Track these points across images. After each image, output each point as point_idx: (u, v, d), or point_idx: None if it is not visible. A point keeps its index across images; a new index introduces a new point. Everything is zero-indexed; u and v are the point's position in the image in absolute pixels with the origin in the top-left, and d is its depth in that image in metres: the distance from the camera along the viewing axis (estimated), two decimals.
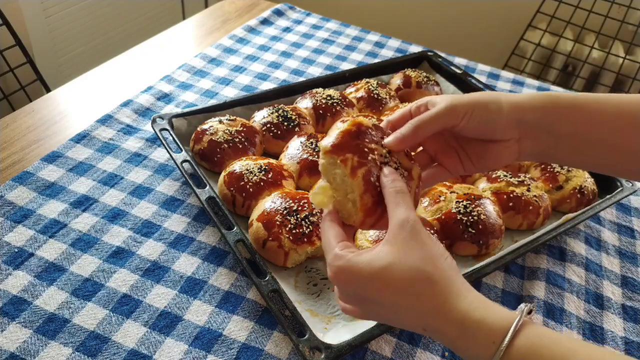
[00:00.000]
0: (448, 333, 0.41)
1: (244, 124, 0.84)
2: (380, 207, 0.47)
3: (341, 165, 0.46)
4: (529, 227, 0.78)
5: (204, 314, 0.62)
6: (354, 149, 0.47)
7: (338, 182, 0.47)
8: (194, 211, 0.75)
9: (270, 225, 0.67)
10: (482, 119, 0.49)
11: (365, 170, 0.46)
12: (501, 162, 0.53)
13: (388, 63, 1.09)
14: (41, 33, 1.70)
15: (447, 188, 0.77)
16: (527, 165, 0.89)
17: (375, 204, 0.47)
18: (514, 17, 2.04)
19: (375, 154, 0.48)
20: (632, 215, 0.87)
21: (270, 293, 0.60)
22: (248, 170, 0.74)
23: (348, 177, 0.46)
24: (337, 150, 0.47)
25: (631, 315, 0.71)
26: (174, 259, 0.68)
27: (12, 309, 0.60)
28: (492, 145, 0.51)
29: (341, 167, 0.46)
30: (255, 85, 1.07)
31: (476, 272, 0.66)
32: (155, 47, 1.16)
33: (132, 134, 0.88)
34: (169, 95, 0.99)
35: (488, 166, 0.54)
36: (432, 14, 2.31)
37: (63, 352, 0.56)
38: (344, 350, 0.55)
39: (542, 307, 0.69)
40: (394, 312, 0.43)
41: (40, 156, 0.81)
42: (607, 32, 1.59)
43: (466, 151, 0.53)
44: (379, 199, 0.47)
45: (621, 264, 0.78)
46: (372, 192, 0.46)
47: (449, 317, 0.40)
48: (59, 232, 0.69)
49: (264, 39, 1.23)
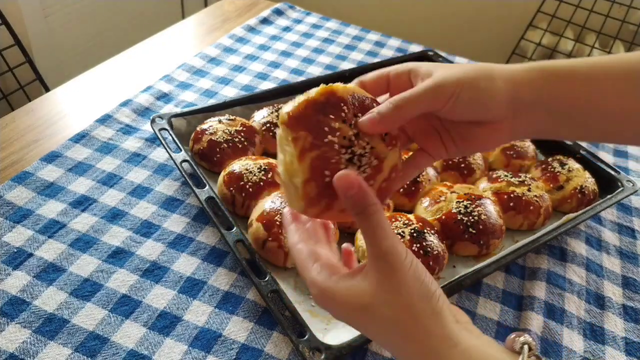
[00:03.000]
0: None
1: (243, 123, 0.83)
2: (326, 199, 0.40)
3: (291, 144, 0.40)
4: (530, 227, 0.78)
5: (203, 314, 0.62)
6: (312, 125, 0.40)
7: (287, 160, 0.41)
8: (194, 211, 0.75)
9: (270, 226, 0.67)
10: (471, 100, 0.42)
11: (316, 155, 0.39)
12: (490, 145, 0.46)
13: (388, 62, 1.09)
14: (40, 33, 1.70)
15: (447, 188, 0.77)
16: (528, 165, 0.89)
17: (320, 195, 0.40)
18: (514, 17, 2.04)
19: (336, 135, 0.40)
20: (633, 216, 0.87)
21: (270, 293, 0.60)
22: (248, 170, 0.74)
23: (295, 158, 0.40)
24: (293, 123, 0.40)
25: (632, 316, 0.71)
26: (173, 259, 0.68)
27: (11, 309, 0.59)
28: (481, 127, 0.45)
29: (291, 145, 0.40)
30: (255, 84, 1.06)
31: (476, 273, 0.66)
32: (154, 47, 1.16)
33: (132, 134, 0.87)
34: (169, 95, 0.99)
35: (475, 150, 0.48)
36: (432, 13, 2.30)
37: (62, 352, 0.56)
38: (344, 351, 0.55)
39: (542, 307, 0.68)
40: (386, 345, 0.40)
41: (39, 156, 0.81)
42: (607, 32, 1.59)
43: (450, 133, 0.46)
44: (325, 190, 0.40)
45: (622, 264, 0.78)
46: (317, 181, 0.40)
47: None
48: (58, 232, 0.69)
49: (263, 39, 1.23)
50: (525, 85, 0.43)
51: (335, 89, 0.41)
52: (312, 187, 0.40)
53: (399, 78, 0.46)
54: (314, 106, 0.40)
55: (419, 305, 0.36)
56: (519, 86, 0.43)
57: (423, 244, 0.66)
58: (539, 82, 0.44)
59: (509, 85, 0.43)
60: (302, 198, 0.40)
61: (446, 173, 0.84)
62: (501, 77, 0.43)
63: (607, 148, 1.02)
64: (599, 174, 0.86)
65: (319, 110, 0.40)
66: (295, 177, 0.40)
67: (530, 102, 0.44)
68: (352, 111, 0.42)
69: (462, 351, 0.35)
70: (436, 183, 0.81)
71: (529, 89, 0.43)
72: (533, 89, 0.43)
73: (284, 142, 0.41)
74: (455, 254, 0.73)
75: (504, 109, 0.44)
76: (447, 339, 0.36)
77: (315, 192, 0.40)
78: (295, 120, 0.40)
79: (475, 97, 0.42)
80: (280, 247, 0.66)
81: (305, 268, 0.41)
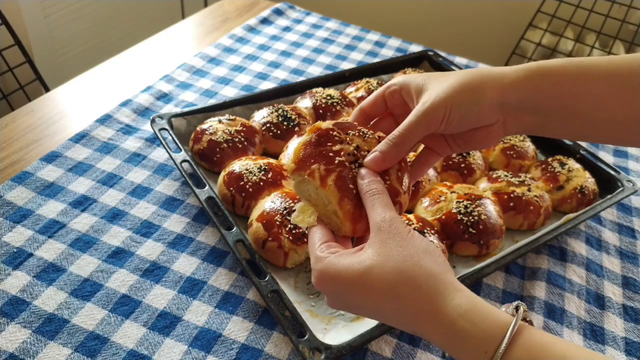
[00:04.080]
0: (437, 339, 0.38)
1: (243, 123, 0.83)
2: (364, 208, 0.44)
3: (309, 180, 0.43)
4: (530, 227, 0.78)
5: (203, 314, 0.62)
6: (318, 157, 0.44)
7: (313, 197, 0.44)
8: (194, 211, 0.75)
9: (270, 226, 0.67)
10: (462, 118, 0.46)
11: (336, 176, 0.43)
12: (489, 142, 0.50)
13: (388, 62, 1.09)
14: (40, 33, 1.70)
15: (447, 188, 0.77)
16: (528, 165, 0.89)
17: (357, 207, 0.43)
18: (514, 17, 2.04)
19: (342, 155, 0.44)
20: (632, 216, 0.87)
21: (270, 293, 0.60)
22: (248, 170, 0.74)
23: (320, 189, 0.43)
24: (301, 165, 0.44)
25: (632, 316, 0.71)
26: (173, 259, 0.68)
27: (11, 309, 0.59)
28: (477, 131, 0.48)
29: (310, 181, 0.43)
30: (254, 84, 1.06)
31: (477, 273, 0.66)
32: (154, 47, 1.16)
33: (132, 134, 0.87)
34: (169, 95, 0.99)
35: (476, 147, 0.51)
36: (432, 13, 2.30)
37: (62, 352, 0.56)
38: (344, 351, 0.55)
39: (542, 307, 0.68)
40: (380, 317, 0.41)
41: (39, 156, 0.81)
42: (607, 32, 1.59)
43: (452, 136, 0.50)
44: (359, 202, 0.43)
45: (622, 264, 0.78)
46: (349, 196, 0.43)
47: (436, 322, 0.37)
48: (58, 232, 0.69)
49: (263, 39, 1.23)
50: (511, 89, 0.46)
51: (317, 125, 0.46)
52: (347, 203, 0.43)
53: (392, 97, 0.50)
54: (310, 145, 0.45)
55: (423, 255, 0.38)
56: (505, 91, 0.46)
57: None
58: (524, 83, 0.46)
59: (496, 92, 0.46)
60: (345, 217, 0.43)
61: (446, 173, 0.84)
62: (489, 85, 0.46)
63: (607, 148, 1.02)
64: (599, 174, 0.86)
65: (316, 145, 0.44)
66: (329, 204, 0.44)
67: (516, 105, 0.46)
68: (342, 132, 0.46)
69: (465, 295, 0.37)
70: (436, 183, 0.81)
71: (515, 92, 0.46)
72: (518, 91, 0.46)
73: (302, 186, 0.44)
74: (455, 254, 0.73)
75: (494, 115, 0.47)
76: (452, 284, 0.38)
77: (352, 205, 0.43)
78: (302, 162, 0.44)
79: (465, 114, 0.46)
80: (280, 247, 0.66)
81: (313, 245, 0.43)
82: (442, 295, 0.37)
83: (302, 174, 0.44)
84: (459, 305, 0.37)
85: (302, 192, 0.45)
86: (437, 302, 0.37)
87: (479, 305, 0.37)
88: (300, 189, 0.45)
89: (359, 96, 0.97)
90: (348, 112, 0.92)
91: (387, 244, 0.39)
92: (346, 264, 0.39)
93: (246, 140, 0.81)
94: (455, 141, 0.50)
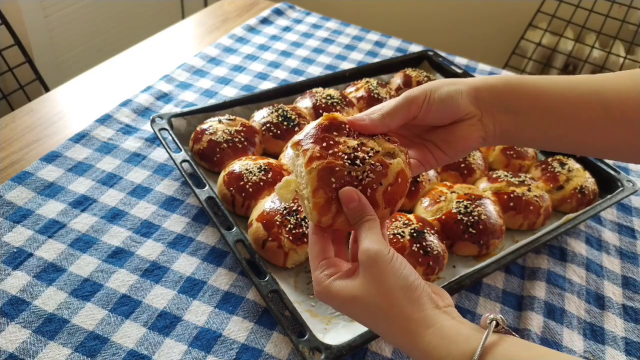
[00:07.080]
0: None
1: (243, 123, 0.83)
2: (335, 204, 0.45)
3: (301, 155, 0.45)
4: (530, 227, 0.78)
5: (203, 314, 0.62)
6: (319, 140, 0.45)
7: (299, 176, 0.46)
8: (194, 211, 0.75)
9: (269, 226, 0.67)
10: (441, 101, 0.49)
11: (323, 165, 0.44)
12: (469, 143, 0.51)
13: (388, 62, 1.09)
14: (40, 33, 1.70)
15: (447, 188, 0.77)
16: (528, 165, 0.89)
17: (329, 201, 0.44)
18: (514, 17, 2.04)
19: (340, 146, 0.45)
20: (632, 216, 0.87)
21: (270, 293, 0.60)
22: (248, 170, 0.74)
23: (304, 167, 0.44)
24: (302, 141, 0.46)
25: (632, 316, 0.71)
26: (173, 259, 0.68)
27: (11, 309, 0.59)
28: (456, 127, 0.51)
29: (301, 156, 0.45)
30: (254, 84, 1.06)
31: (477, 273, 0.66)
32: (154, 47, 1.16)
33: (131, 134, 0.87)
34: (168, 95, 0.99)
35: (458, 151, 0.52)
36: (432, 13, 2.30)
37: (62, 352, 0.56)
38: (344, 351, 0.55)
39: (542, 307, 0.68)
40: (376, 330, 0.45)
41: (39, 156, 0.81)
42: (607, 32, 1.59)
43: (433, 141, 0.52)
44: (333, 196, 0.44)
45: (622, 264, 0.78)
46: (325, 189, 0.44)
47: (414, 352, 0.42)
48: (58, 232, 0.69)
49: (263, 39, 1.23)
50: (484, 88, 0.50)
51: (336, 115, 0.48)
52: (320, 195, 0.44)
53: None
54: (320, 127, 0.47)
55: (397, 293, 0.42)
56: (478, 90, 0.50)
57: (423, 244, 0.66)
58: (499, 85, 0.50)
59: (470, 87, 0.50)
60: (314, 207, 0.44)
61: (446, 173, 0.84)
62: (463, 82, 0.50)
63: None
64: (599, 174, 0.86)
65: (324, 129, 0.46)
66: (305, 189, 0.45)
67: (489, 101, 0.50)
68: (353, 130, 0.48)
69: (435, 330, 0.41)
70: (436, 183, 0.81)
71: (488, 90, 0.50)
72: (491, 90, 0.50)
73: (295, 162, 0.46)
74: (455, 254, 0.73)
75: (472, 107, 0.50)
76: (423, 322, 0.41)
77: (323, 199, 0.44)
78: (305, 139, 0.46)
79: (444, 98, 0.49)
80: (280, 247, 0.66)
81: (312, 266, 0.47)
82: (413, 333, 0.41)
83: (299, 149, 0.46)
84: (429, 342, 0.41)
85: (294, 167, 0.47)
86: (410, 339, 0.42)
87: (446, 339, 0.40)
88: (293, 164, 0.47)
89: (359, 96, 0.97)
90: (348, 112, 0.92)
91: (369, 280, 0.43)
92: (340, 288, 0.44)
93: (246, 140, 0.81)
94: (438, 146, 0.52)
